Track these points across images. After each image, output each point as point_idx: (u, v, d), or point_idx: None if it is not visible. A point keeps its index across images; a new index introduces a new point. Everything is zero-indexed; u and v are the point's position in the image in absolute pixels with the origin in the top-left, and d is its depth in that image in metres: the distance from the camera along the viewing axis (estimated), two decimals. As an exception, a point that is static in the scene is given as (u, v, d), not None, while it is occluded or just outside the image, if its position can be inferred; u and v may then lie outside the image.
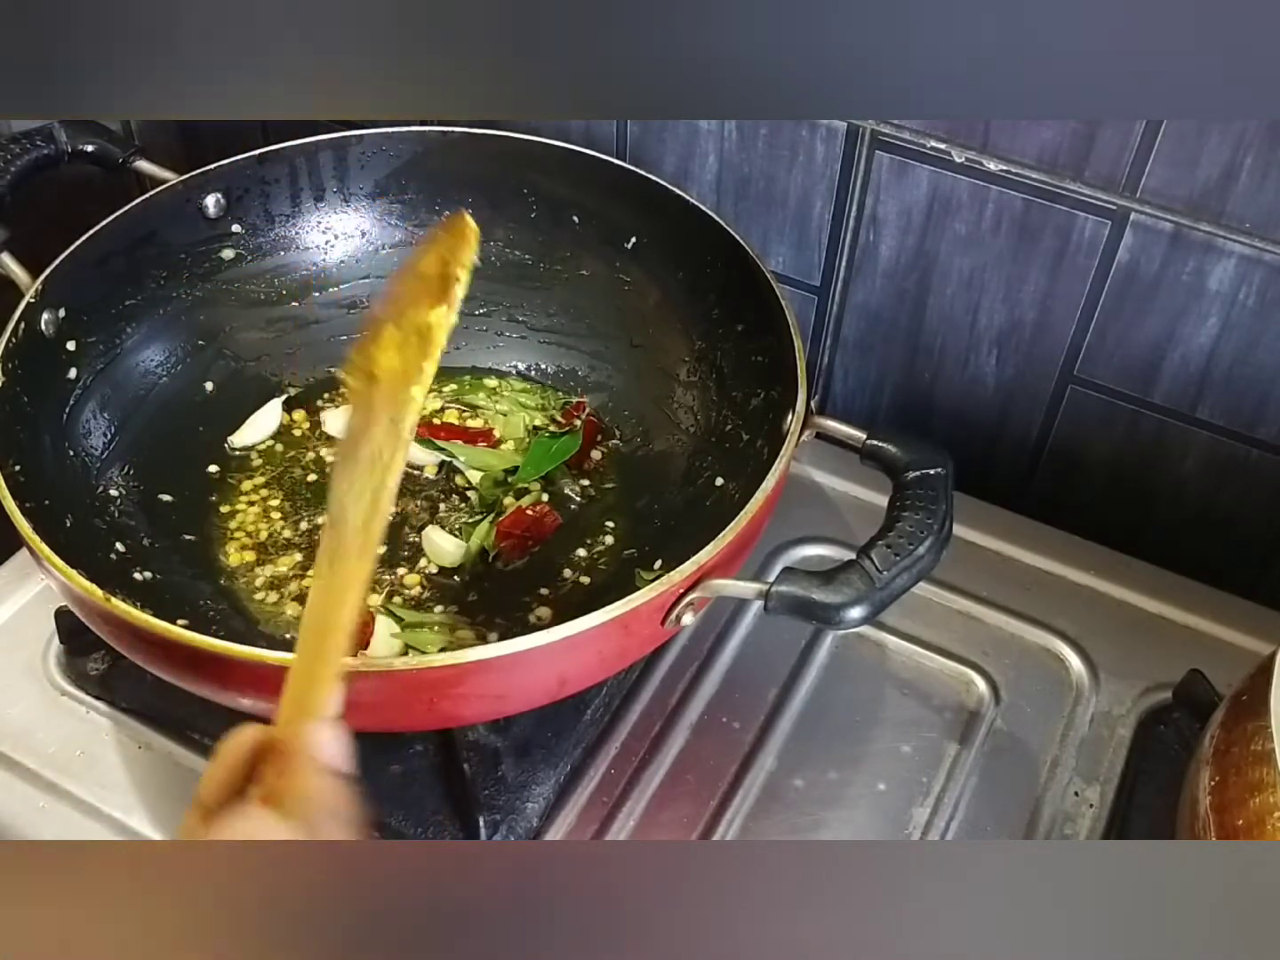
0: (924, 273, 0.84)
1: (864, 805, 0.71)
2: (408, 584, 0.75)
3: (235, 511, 0.78)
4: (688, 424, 0.81)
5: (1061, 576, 0.82)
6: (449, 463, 0.81)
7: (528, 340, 0.87)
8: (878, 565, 0.61)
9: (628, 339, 0.84)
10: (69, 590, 0.60)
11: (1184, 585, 0.81)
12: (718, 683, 0.76)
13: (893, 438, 0.67)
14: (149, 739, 0.72)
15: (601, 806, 0.70)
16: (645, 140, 0.87)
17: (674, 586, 0.60)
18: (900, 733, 0.74)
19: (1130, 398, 0.83)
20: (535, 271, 0.85)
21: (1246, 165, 0.70)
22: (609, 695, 0.73)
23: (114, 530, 0.72)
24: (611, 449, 0.83)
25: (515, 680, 0.61)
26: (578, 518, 0.79)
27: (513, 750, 0.69)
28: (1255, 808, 0.54)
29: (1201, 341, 0.78)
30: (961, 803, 0.71)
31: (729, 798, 0.71)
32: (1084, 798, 0.71)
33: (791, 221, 0.86)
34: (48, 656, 0.75)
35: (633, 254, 0.83)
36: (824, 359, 0.92)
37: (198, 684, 0.62)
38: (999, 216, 0.79)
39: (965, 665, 0.77)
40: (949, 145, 0.77)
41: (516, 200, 0.83)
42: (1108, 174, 0.74)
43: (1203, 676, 0.72)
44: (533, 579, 0.76)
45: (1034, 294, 0.81)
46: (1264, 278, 0.73)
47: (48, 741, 0.71)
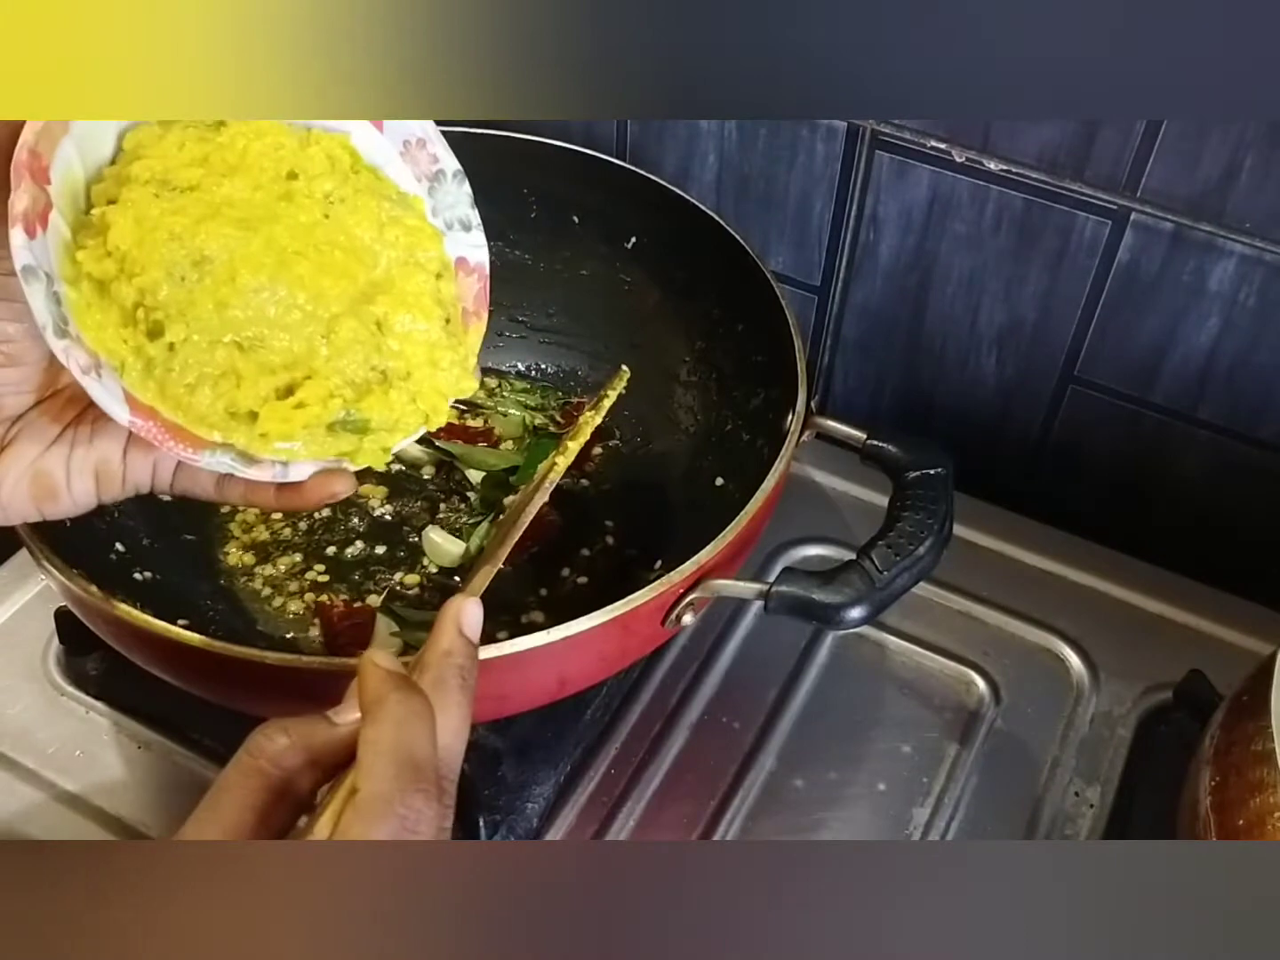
0: (924, 273, 0.84)
1: (864, 805, 0.71)
2: (408, 584, 0.75)
3: (235, 511, 0.78)
4: (688, 424, 0.81)
5: (1062, 576, 0.82)
6: (449, 463, 0.81)
7: (528, 340, 0.87)
8: (878, 565, 0.61)
9: (628, 339, 0.84)
10: (69, 590, 0.60)
11: (1184, 585, 0.81)
12: (718, 683, 0.76)
13: (893, 438, 0.67)
14: (149, 739, 0.72)
15: (601, 806, 0.70)
16: (645, 140, 0.87)
17: (674, 586, 0.60)
18: (900, 733, 0.74)
19: (1131, 398, 0.83)
20: (535, 271, 0.85)
21: (1247, 165, 0.70)
22: (609, 695, 0.73)
23: (114, 530, 0.71)
24: (611, 449, 0.83)
25: (515, 680, 0.61)
26: (578, 518, 0.79)
27: (513, 750, 0.69)
28: (1256, 808, 0.54)
29: (1202, 341, 0.78)
30: (962, 803, 0.71)
31: (729, 798, 0.71)
32: (1084, 798, 0.71)
33: (791, 221, 0.86)
34: (48, 656, 0.75)
35: (633, 254, 0.82)
36: (824, 359, 0.92)
37: (198, 684, 0.62)
38: (999, 216, 0.79)
39: (966, 665, 0.77)
40: (949, 145, 0.77)
41: (516, 200, 0.83)
42: (1108, 174, 0.74)
43: (1203, 677, 0.72)
44: (532, 579, 0.76)
45: (1034, 294, 0.81)
46: (1264, 278, 0.73)
47: (47, 741, 0.71)
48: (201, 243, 0.46)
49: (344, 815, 0.41)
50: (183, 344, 0.46)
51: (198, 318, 0.46)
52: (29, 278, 0.43)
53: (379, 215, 0.50)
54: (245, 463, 0.48)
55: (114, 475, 0.50)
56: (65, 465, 0.49)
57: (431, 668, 0.46)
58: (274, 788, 0.44)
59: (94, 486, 0.50)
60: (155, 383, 0.46)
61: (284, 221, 0.48)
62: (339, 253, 0.49)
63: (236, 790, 0.44)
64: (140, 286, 0.45)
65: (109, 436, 0.49)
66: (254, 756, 0.44)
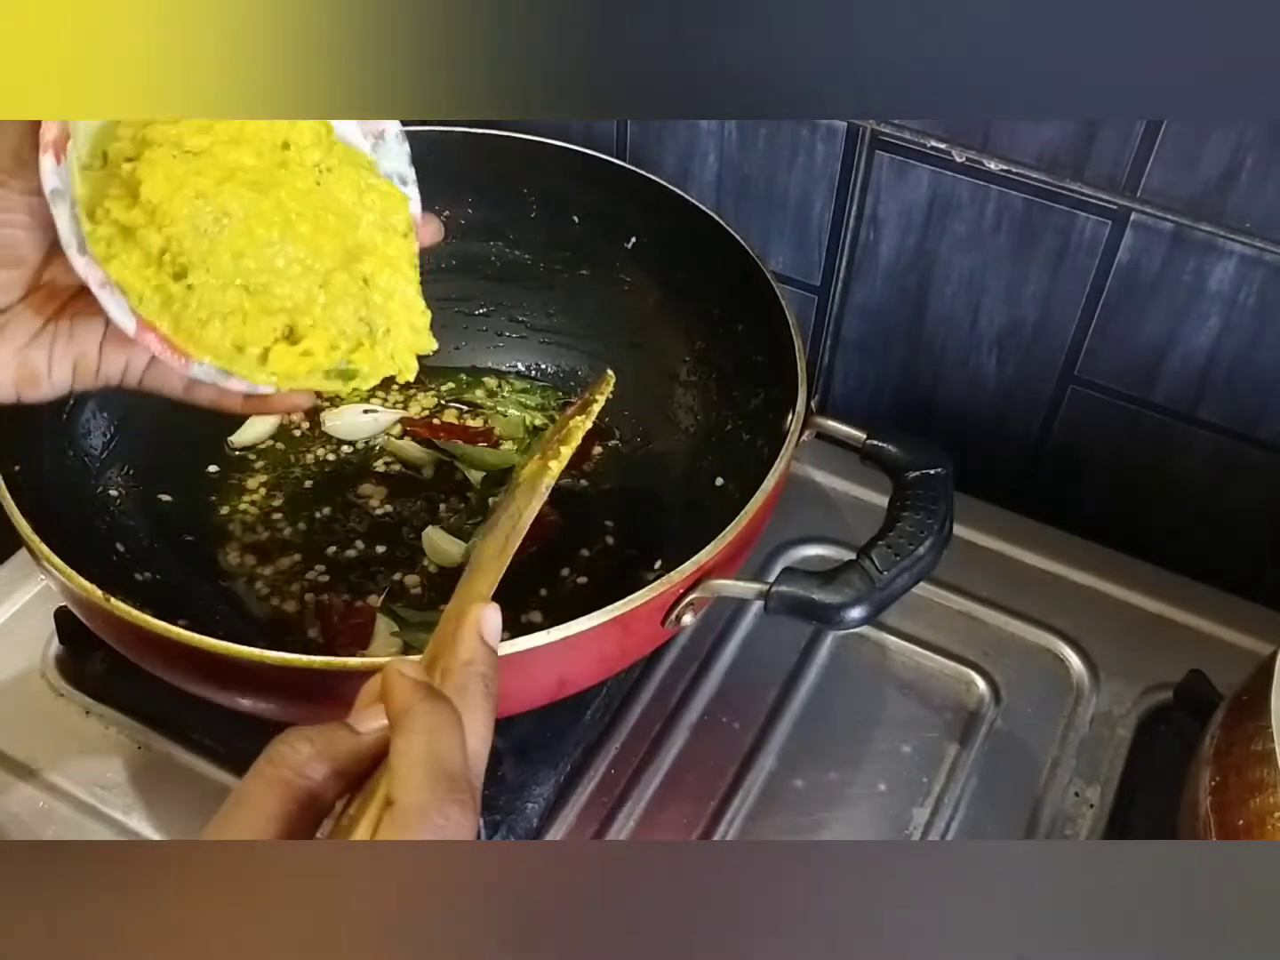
0: (924, 272, 0.84)
1: (864, 806, 0.71)
2: (408, 584, 0.75)
3: (235, 512, 0.78)
4: (688, 424, 0.81)
5: (1062, 576, 0.82)
6: (449, 463, 0.81)
7: (528, 340, 0.87)
8: (878, 565, 0.61)
9: (628, 339, 0.84)
10: (69, 590, 0.60)
11: (1185, 585, 0.81)
12: (718, 683, 0.76)
13: (893, 438, 0.67)
14: (148, 739, 0.72)
15: (601, 806, 0.70)
16: (645, 140, 0.87)
17: (674, 586, 0.60)
18: (900, 733, 0.74)
19: (1131, 398, 0.83)
20: (535, 271, 0.85)
21: (1247, 165, 0.70)
22: (609, 695, 0.73)
23: (114, 531, 0.72)
24: (611, 449, 0.83)
25: (515, 680, 0.60)
26: (578, 518, 0.79)
27: (513, 750, 0.69)
28: (1256, 808, 0.54)
29: (1202, 341, 0.78)
30: (962, 803, 0.71)
31: (729, 798, 0.71)
32: (1084, 798, 0.71)
33: (791, 221, 0.86)
34: (47, 656, 0.75)
35: (633, 254, 0.82)
36: (824, 359, 0.92)
37: (198, 684, 0.62)
38: (999, 216, 0.79)
39: (966, 665, 0.77)
40: (949, 145, 0.77)
41: (516, 200, 0.83)
42: (1108, 174, 0.74)
43: (1203, 677, 0.72)
44: (532, 579, 0.76)
45: (1034, 294, 0.81)
46: (1265, 278, 0.73)
47: (47, 742, 0.71)
48: (224, 201, 0.51)
49: (381, 826, 0.41)
50: (200, 285, 0.52)
51: (216, 264, 0.52)
52: (57, 200, 0.48)
53: (358, 182, 0.56)
54: (225, 376, 0.54)
55: (90, 367, 0.54)
56: (48, 356, 0.53)
57: (454, 675, 0.47)
58: (297, 798, 0.43)
59: (71, 376, 0.54)
60: (171, 316, 0.52)
61: (286, 186, 0.54)
62: (331, 216, 0.55)
63: (258, 800, 0.43)
64: (169, 235, 0.51)
65: (88, 332, 0.54)
66: (276, 766, 0.43)
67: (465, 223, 0.83)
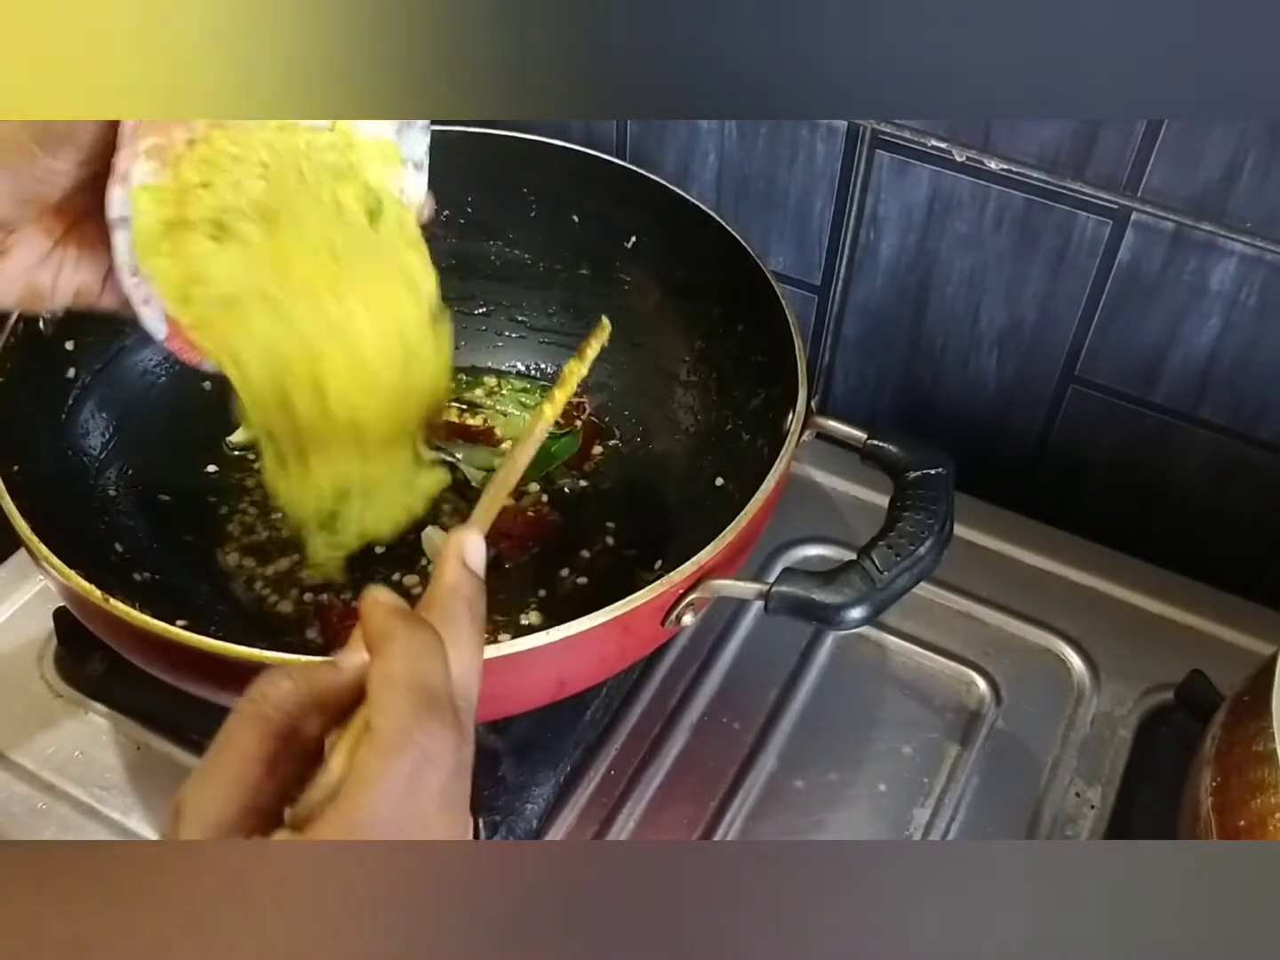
0: (925, 272, 0.84)
1: (865, 806, 0.71)
2: (407, 584, 0.75)
3: (235, 511, 0.78)
4: (688, 424, 0.81)
5: (1063, 577, 0.82)
6: (449, 463, 0.81)
7: (528, 340, 0.87)
8: (878, 566, 0.60)
9: (628, 339, 0.84)
10: (68, 590, 0.60)
11: (1185, 585, 0.81)
12: (718, 683, 0.76)
13: (893, 438, 0.66)
14: (147, 740, 0.72)
15: (601, 806, 0.70)
16: (645, 140, 0.87)
17: (674, 586, 0.60)
18: (901, 733, 0.74)
19: (1131, 398, 0.83)
20: (535, 271, 0.85)
21: (1248, 165, 0.70)
22: (609, 696, 0.73)
23: (113, 530, 0.71)
24: (611, 449, 0.83)
25: (515, 681, 0.61)
26: (578, 518, 0.79)
27: (512, 751, 0.69)
28: (1257, 808, 0.54)
29: (1203, 341, 0.78)
30: (962, 803, 0.71)
31: (729, 798, 0.71)
32: (1085, 798, 0.71)
33: (791, 221, 0.86)
34: (47, 656, 0.75)
35: (633, 254, 0.82)
36: (824, 359, 0.92)
37: (197, 684, 0.62)
38: (1000, 216, 0.79)
39: (966, 666, 0.77)
40: (950, 144, 0.77)
41: (516, 200, 0.83)
42: (1109, 173, 0.74)
43: (1204, 677, 0.72)
44: (532, 579, 0.76)
45: (1035, 294, 0.81)
46: (1265, 278, 0.73)
47: (46, 742, 0.71)
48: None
49: (359, 751, 0.40)
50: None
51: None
52: (120, 226, 0.51)
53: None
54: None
55: (91, 297, 0.57)
56: (54, 280, 0.55)
57: (438, 603, 0.45)
58: (280, 734, 0.42)
59: (71, 300, 0.56)
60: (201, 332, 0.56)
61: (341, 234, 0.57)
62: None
63: (240, 742, 0.42)
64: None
65: (92, 267, 0.55)
66: (256, 703, 0.42)
67: (465, 222, 0.83)
